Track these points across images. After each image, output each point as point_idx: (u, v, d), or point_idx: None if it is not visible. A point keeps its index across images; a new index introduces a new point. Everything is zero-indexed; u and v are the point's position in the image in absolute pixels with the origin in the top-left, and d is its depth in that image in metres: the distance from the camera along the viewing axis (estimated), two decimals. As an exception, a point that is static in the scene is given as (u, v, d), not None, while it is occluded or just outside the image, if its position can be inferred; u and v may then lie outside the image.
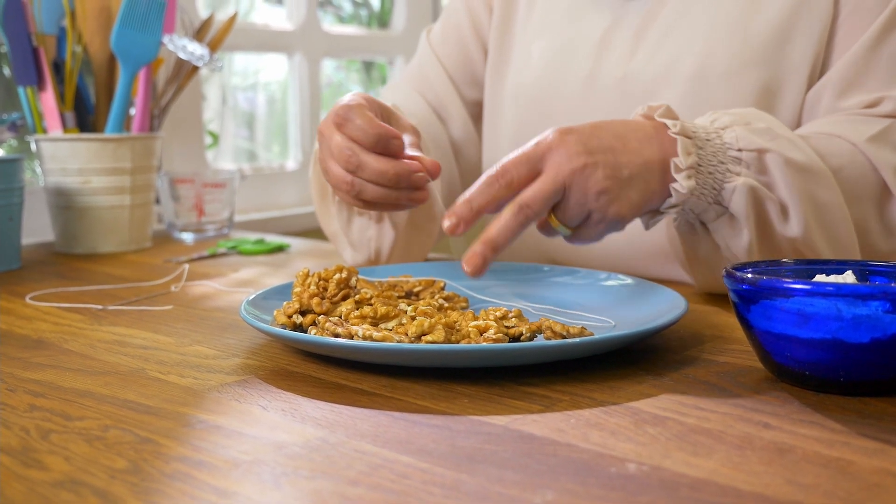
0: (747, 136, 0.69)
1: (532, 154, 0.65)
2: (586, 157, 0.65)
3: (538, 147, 0.66)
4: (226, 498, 0.40)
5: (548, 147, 0.65)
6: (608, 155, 0.66)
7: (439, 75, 1.04)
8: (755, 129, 0.70)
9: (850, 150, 0.75)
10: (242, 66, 1.96)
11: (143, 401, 0.54)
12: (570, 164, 0.64)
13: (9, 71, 1.41)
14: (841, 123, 0.77)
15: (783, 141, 0.70)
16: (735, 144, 0.69)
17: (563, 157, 0.65)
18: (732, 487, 0.40)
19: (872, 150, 0.74)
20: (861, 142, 0.75)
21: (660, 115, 0.69)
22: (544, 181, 0.65)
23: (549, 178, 0.65)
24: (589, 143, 0.66)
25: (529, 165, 0.65)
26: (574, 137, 0.66)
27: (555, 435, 0.47)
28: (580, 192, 0.65)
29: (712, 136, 0.70)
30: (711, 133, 0.70)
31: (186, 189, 1.25)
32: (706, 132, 0.70)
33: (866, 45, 0.79)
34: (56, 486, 0.42)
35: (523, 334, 0.61)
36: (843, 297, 0.50)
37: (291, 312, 0.66)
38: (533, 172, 0.65)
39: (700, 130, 0.70)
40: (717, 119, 0.72)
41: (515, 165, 0.65)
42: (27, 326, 0.74)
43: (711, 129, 0.70)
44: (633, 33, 0.90)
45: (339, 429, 0.48)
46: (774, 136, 0.70)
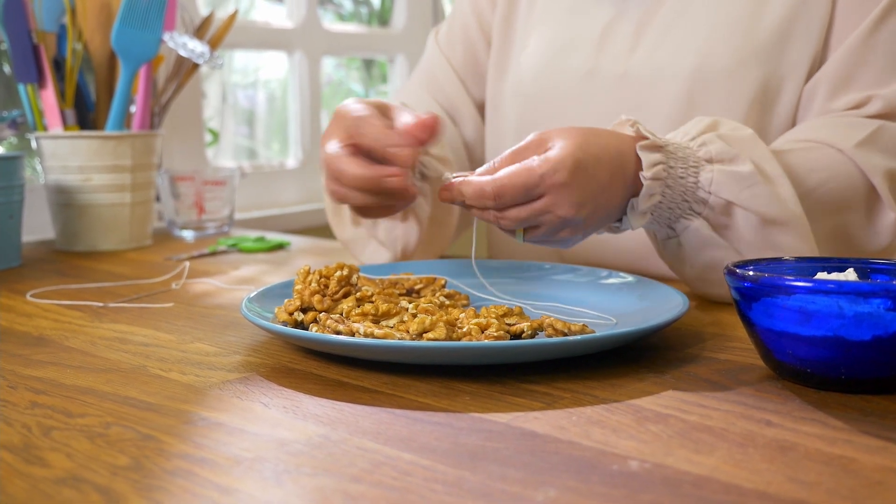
0: (723, 181, 0.69)
1: (532, 186, 0.65)
2: (577, 209, 0.66)
3: (542, 181, 0.65)
4: (228, 495, 0.40)
5: (550, 186, 0.65)
6: (593, 206, 0.67)
7: (449, 77, 1.04)
8: (735, 174, 0.69)
9: (837, 159, 0.75)
10: (242, 63, 1.96)
11: (145, 398, 0.54)
12: (559, 212, 0.66)
13: (9, 68, 1.41)
14: (830, 128, 0.77)
15: (760, 190, 0.69)
16: (707, 186, 0.69)
17: (556, 204, 0.65)
18: (735, 485, 0.40)
19: (861, 156, 0.75)
20: (849, 148, 0.75)
21: (642, 146, 0.68)
22: (528, 214, 0.66)
23: (533, 213, 0.66)
24: (585, 192, 0.66)
25: (525, 196, 0.65)
26: (577, 185, 0.65)
27: (557, 432, 0.47)
28: (552, 232, 0.68)
29: (689, 171, 0.69)
30: (690, 167, 0.69)
31: (187, 187, 1.25)
32: (685, 165, 0.69)
33: (857, 41, 0.79)
34: (58, 482, 0.42)
35: (525, 332, 0.61)
36: (845, 294, 0.50)
37: (293, 310, 0.66)
38: (526, 199, 0.66)
39: (678, 165, 0.69)
40: (705, 144, 0.70)
41: (512, 193, 0.65)
42: (28, 324, 0.74)
43: (692, 159, 0.70)
44: (633, 29, 0.90)
45: (340, 426, 0.48)
46: (753, 182, 0.69)
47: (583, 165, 0.65)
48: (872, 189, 0.75)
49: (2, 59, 1.42)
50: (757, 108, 0.82)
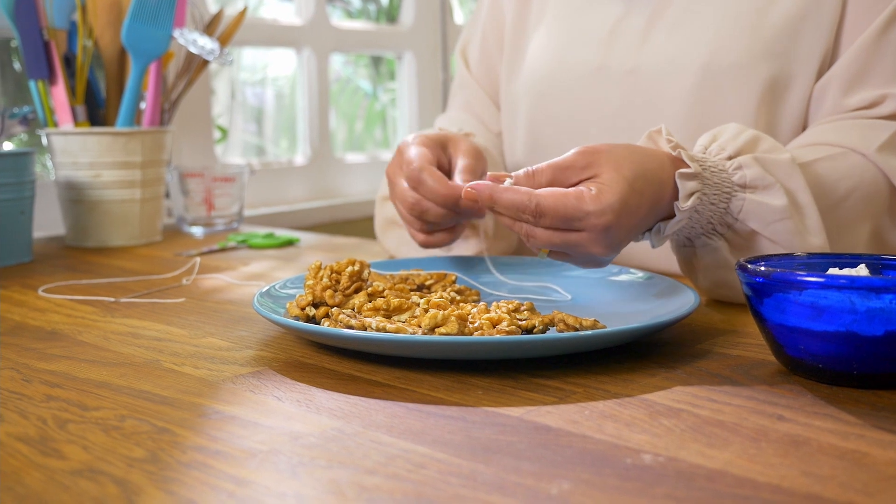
0: (753, 212, 0.69)
1: (577, 219, 0.62)
2: (606, 250, 0.64)
3: (587, 216, 0.62)
4: (243, 487, 0.40)
5: (593, 226, 0.62)
6: (626, 242, 0.66)
7: (485, 106, 1.05)
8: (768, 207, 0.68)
9: (862, 165, 0.75)
10: (251, 61, 1.96)
11: (159, 391, 0.54)
12: (590, 249, 0.64)
13: (20, 65, 1.42)
14: (849, 131, 0.77)
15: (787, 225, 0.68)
16: (735, 213, 0.69)
17: (592, 242, 0.63)
18: (748, 479, 0.40)
19: (884, 160, 0.75)
20: (871, 152, 0.75)
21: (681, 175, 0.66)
22: (560, 241, 0.64)
23: (566, 244, 0.64)
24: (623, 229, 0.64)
25: (566, 225, 0.63)
26: (617, 226, 0.63)
27: (569, 426, 0.47)
28: (578, 262, 0.68)
29: (722, 197, 0.69)
30: (723, 193, 0.69)
31: (196, 183, 1.26)
32: (718, 191, 0.68)
33: (871, 38, 0.79)
34: (75, 474, 0.42)
35: (536, 327, 0.61)
36: (857, 290, 0.50)
37: (304, 305, 0.66)
38: (566, 228, 0.63)
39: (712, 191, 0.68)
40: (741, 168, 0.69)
41: (555, 218, 0.62)
42: (41, 318, 0.75)
43: (726, 184, 0.69)
44: (643, 24, 0.90)
45: (354, 419, 0.49)
46: (783, 216, 0.68)
47: (629, 209, 0.63)
48: (895, 192, 0.76)
49: (13, 55, 1.42)
50: (767, 104, 0.82)
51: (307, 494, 0.39)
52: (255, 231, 1.27)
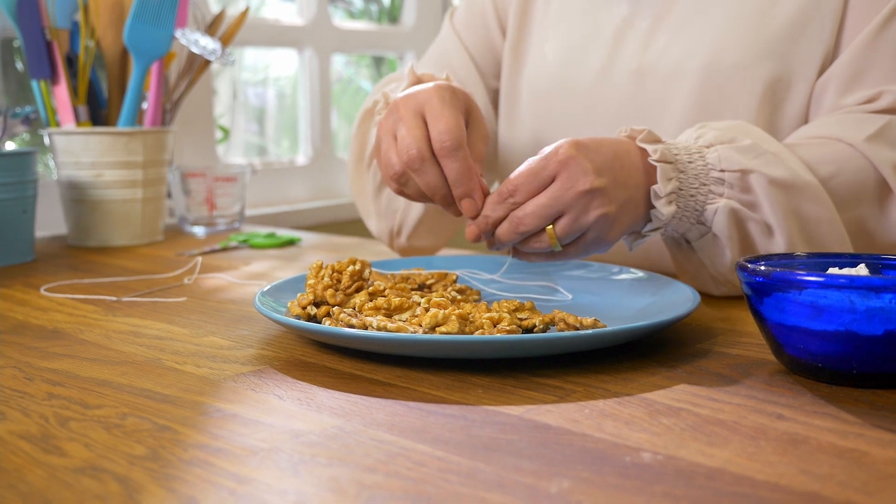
0: (730, 156, 0.71)
1: (540, 169, 0.66)
2: (593, 178, 0.66)
3: (547, 161, 0.67)
4: (244, 484, 0.40)
5: (558, 163, 0.66)
6: (611, 174, 0.67)
7: (463, 61, 1.02)
8: (739, 148, 0.71)
9: (848, 153, 0.75)
10: (253, 61, 1.97)
11: (160, 390, 0.54)
12: (575, 186, 0.66)
13: (22, 65, 1.42)
14: (840, 123, 0.77)
15: (767, 157, 0.71)
16: (717, 165, 0.71)
17: (570, 177, 0.66)
18: (747, 477, 0.40)
19: (871, 150, 0.75)
20: (859, 142, 0.75)
21: (641, 139, 0.70)
22: (547, 199, 0.66)
23: (553, 196, 0.66)
24: (595, 160, 0.67)
25: (538, 182, 0.66)
26: (583, 154, 0.67)
27: (569, 425, 0.47)
28: (580, 212, 0.67)
29: (695, 156, 0.71)
30: (694, 153, 0.71)
31: (198, 183, 1.26)
32: (688, 153, 0.71)
33: (868, 38, 0.79)
34: (77, 471, 0.42)
35: (536, 326, 0.62)
36: (857, 289, 0.50)
37: (306, 304, 0.66)
38: (541, 187, 0.66)
39: (682, 153, 0.71)
40: (701, 136, 0.73)
41: (524, 182, 0.66)
42: (42, 317, 0.75)
43: (694, 148, 0.72)
44: (648, 26, 0.90)
45: (354, 418, 0.49)
46: (759, 152, 0.71)
47: (582, 144, 0.67)
48: (883, 182, 0.75)
49: (15, 55, 1.43)
50: (768, 104, 0.83)
51: (308, 492, 0.39)
52: (256, 231, 1.27)
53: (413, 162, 0.70)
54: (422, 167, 0.70)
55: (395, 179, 0.72)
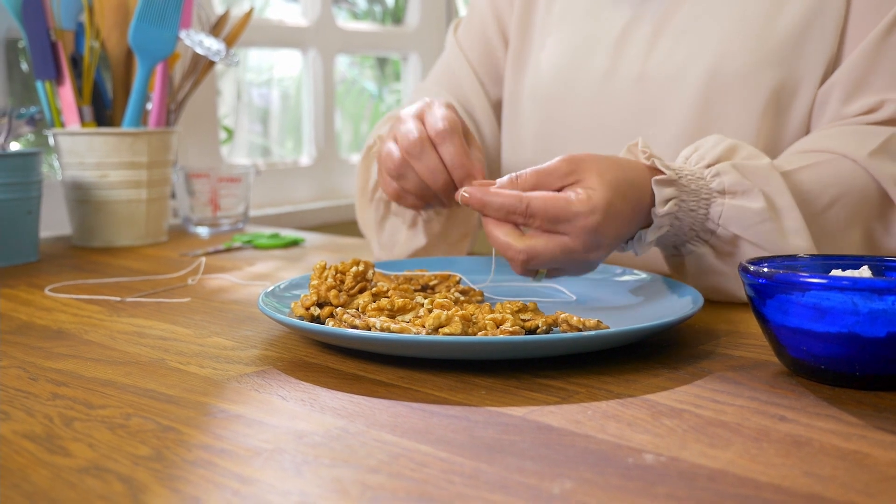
0: (733, 217, 0.70)
1: (565, 217, 0.64)
2: (598, 252, 0.67)
3: (574, 216, 0.64)
4: (248, 485, 0.40)
5: (582, 227, 0.65)
6: (612, 243, 0.68)
7: (467, 75, 1.03)
8: (746, 210, 0.70)
9: (851, 171, 0.75)
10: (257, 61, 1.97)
11: (164, 390, 0.55)
12: (584, 255, 0.66)
13: (27, 65, 1.42)
14: (843, 136, 0.77)
15: (768, 227, 0.70)
16: (716, 219, 0.71)
17: (584, 245, 0.65)
18: (750, 479, 0.40)
19: (874, 165, 0.75)
20: (862, 157, 0.75)
21: (657, 182, 0.69)
22: (560, 251, 0.65)
23: (564, 252, 0.65)
24: (609, 236, 0.66)
25: (556, 225, 0.65)
26: (605, 229, 0.65)
27: (572, 426, 0.47)
28: (574, 270, 0.69)
29: (701, 204, 0.71)
30: (702, 200, 0.71)
31: (202, 184, 1.26)
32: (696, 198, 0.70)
33: (871, 45, 0.79)
34: (81, 471, 0.42)
35: (539, 327, 0.62)
36: (860, 291, 0.50)
37: (309, 304, 0.66)
38: (554, 229, 0.65)
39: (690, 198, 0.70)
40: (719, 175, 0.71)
41: (544, 218, 0.65)
42: (47, 317, 0.75)
43: (704, 191, 0.71)
44: (650, 31, 0.90)
45: (358, 419, 0.49)
46: (763, 219, 0.70)
47: (614, 211, 0.65)
48: (887, 197, 0.75)
49: (20, 55, 1.43)
50: (772, 111, 0.83)
51: (311, 493, 0.40)
52: (260, 231, 1.27)
53: (412, 147, 0.71)
54: (421, 152, 0.71)
55: (395, 172, 0.73)
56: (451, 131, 0.71)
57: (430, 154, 0.71)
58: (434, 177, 0.71)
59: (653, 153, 0.71)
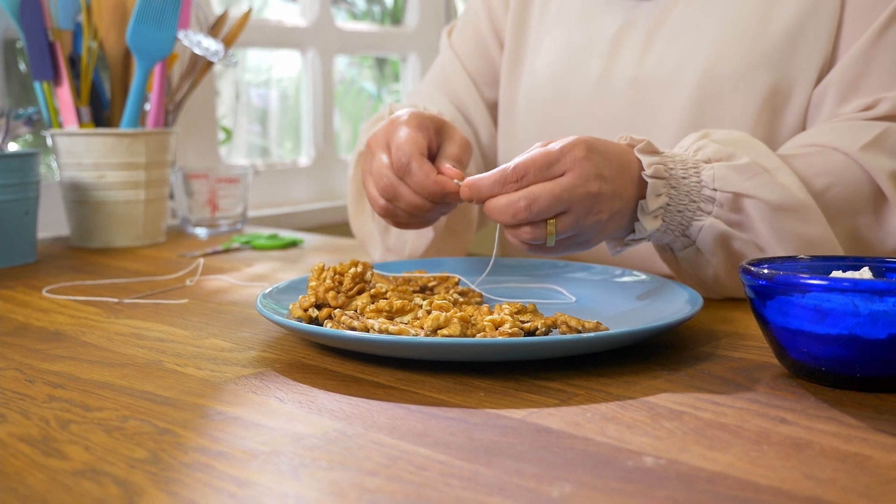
0: (726, 175, 0.70)
1: (554, 161, 0.65)
2: (601, 183, 0.66)
3: (562, 154, 0.65)
4: (245, 488, 0.40)
5: (573, 160, 0.65)
6: (613, 185, 0.67)
7: (461, 78, 1.03)
8: (736, 167, 0.70)
9: (843, 163, 0.75)
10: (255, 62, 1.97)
11: (161, 392, 0.54)
12: (586, 186, 0.65)
13: (25, 66, 1.42)
14: (836, 131, 0.77)
15: (763, 179, 0.70)
16: (710, 184, 0.71)
17: (582, 176, 0.65)
18: (750, 481, 0.40)
19: (867, 159, 0.75)
20: (855, 151, 0.75)
21: (639, 150, 0.70)
22: (561, 191, 0.65)
23: (565, 188, 0.65)
24: (604, 167, 0.67)
25: (549, 172, 0.65)
26: (596, 158, 0.66)
27: (571, 428, 0.47)
28: (583, 214, 0.66)
29: (690, 171, 0.71)
30: (690, 168, 0.71)
31: (200, 184, 1.26)
32: (684, 167, 0.71)
33: (866, 45, 0.79)
34: (77, 474, 0.42)
35: (538, 329, 0.61)
36: (860, 292, 0.50)
37: (307, 306, 0.66)
38: (548, 176, 0.65)
39: (678, 166, 0.71)
40: (701, 148, 0.72)
41: (535, 169, 0.65)
42: (44, 319, 0.75)
43: (691, 162, 0.71)
44: (644, 34, 0.90)
45: (356, 421, 0.49)
46: (755, 172, 0.70)
47: (595, 147, 0.67)
48: (879, 191, 0.75)
49: (18, 56, 1.43)
50: (767, 112, 0.82)
51: (308, 496, 0.39)
52: (258, 232, 1.27)
53: (387, 190, 0.73)
54: (395, 193, 0.72)
55: (384, 213, 0.75)
56: (407, 161, 0.71)
57: (405, 191, 0.72)
58: (419, 207, 0.72)
59: (632, 136, 0.72)
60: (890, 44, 0.78)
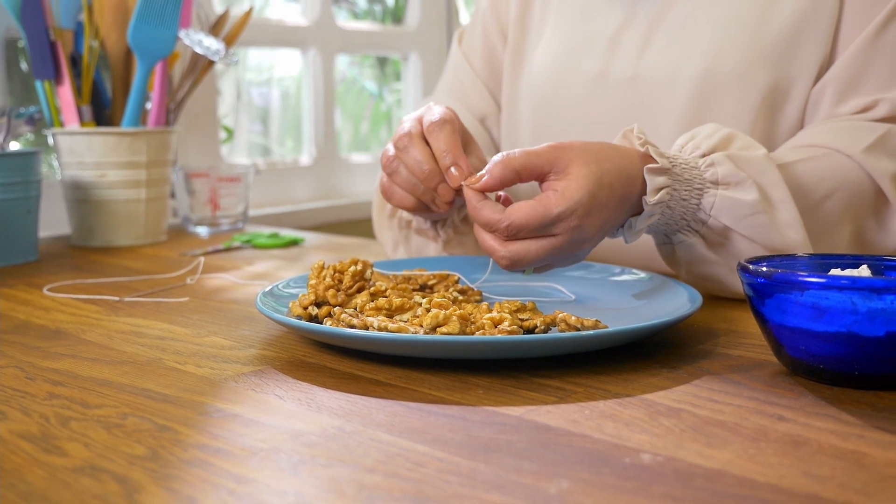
0: (725, 208, 0.70)
1: (549, 222, 0.64)
2: (588, 243, 0.67)
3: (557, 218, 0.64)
4: (244, 484, 0.40)
5: (567, 228, 0.65)
6: (602, 232, 0.68)
7: (474, 82, 1.04)
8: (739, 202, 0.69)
9: (846, 166, 0.75)
10: (257, 61, 1.97)
11: (161, 390, 0.54)
12: (572, 248, 0.66)
13: (26, 65, 1.42)
14: (838, 132, 0.77)
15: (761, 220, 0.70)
16: (708, 209, 0.71)
17: (571, 240, 0.65)
18: (748, 479, 0.40)
19: (869, 161, 0.75)
20: (857, 153, 0.75)
21: (649, 170, 0.68)
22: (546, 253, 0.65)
23: (550, 253, 0.65)
24: (595, 224, 0.66)
25: (542, 231, 0.65)
26: (590, 221, 0.65)
27: (569, 426, 0.47)
28: (562, 259, 0.68)
29: (693, 194, 0.70)
30: (694, 190, 0.70)
31: (201, 183, 1.26)
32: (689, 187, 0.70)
33: (864, 44, 0.79)
34: (77, 471, 0.42)
35: (538, 327, 0.62)
36: (858, 290, 0.50)
37: (307, 304, 0.66)
38: (540, 235, 0.65)
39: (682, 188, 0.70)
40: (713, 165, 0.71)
41: (527, 230, 0.65)
42: (45, 317, 0.75)
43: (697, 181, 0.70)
44: (644, 32, 0.90)
45: (354, 418, 0.49)
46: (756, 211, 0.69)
47: (598, 203, 0.65)
48: (881, 193, 0.75)
49: (19, 55, 1.43)
50: (766, 111, 0.82)
51: (307, 492, 0.39)
52: (259, 231, 1.27)
53: (401, 140, 0.72)
54: (408, 144, 0.72)
55: (388, 167, 0.74)
56: (442, 122, 0.72)
57: (416, 146, 0.72)
58: (419, 167, 0.72)
59: (648, 140, 0.71)
60: (888, 44, 0.78)
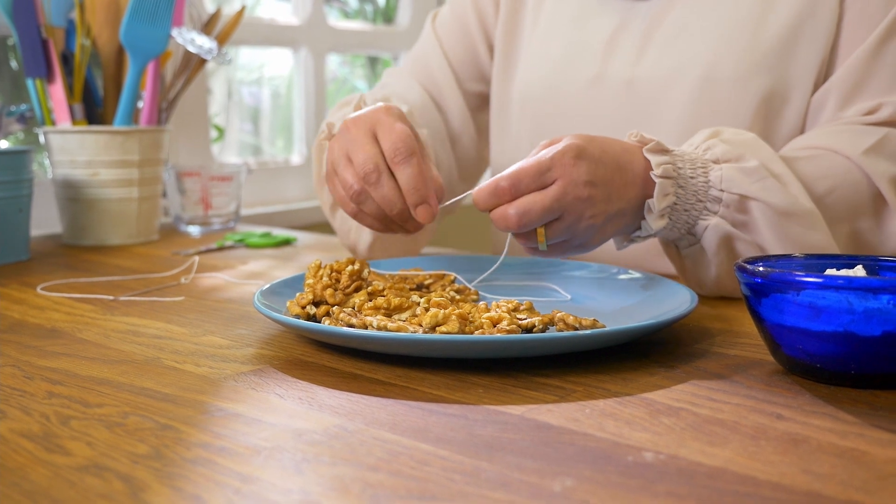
0: (733, 177, 0.70)
1: (545, 169, 0.66)
2: (591, 188, 0.66)
3: (552, 163, 0.66)
4: (249, 483, 0.40)
5: (561, 166, 0.66)
6: (607, 188, 0.68)
7: (441, 65, 1.03)
8: (744, 169, 0.70)
9: (845, 166, 0.76)
10: (248, 60, 1.96)
11: (161, 389, 0.54)
12: (575, 192, 0.66)
13: (18, 63, 1.41)
14: (839, 134, 0.78)
15: (770, 183, 0.70)
16: (718, 184, 0.71)
17: (572, 182, 0.66)
18: (749, 476, 0.41)
19: (868, 163, 0.75)
20: (857, 155, 0.75)
21: (648, 150, 0.70)
22: (550, 199, 0.65)
23: (555, 198, 0.65)
24: (596, 172, 0.67)
25: (540, 181, 0.66)
26: (586, 163, 0.66)
27: (571, 424, 0.47)
28: (574, 220, 0.67)
29: (698, 171, 0.71)
30: (698, 168, 0.71)
31: (193, 182, 1.26)
32: (692, 166, 0.71)
33: (868, 51, 0.79)
34: (80, 470, 0.42)
35: (536, 326, 0.62)
36: (855, 290, 0.50)
37: (305, 303, 0.66)
38: (540, 185, 0.66)
39: (686, 166, 0.71)
40: (710, 148, 0.72)
41: (526, 179, 0.65)
42: (40, 316, 0.75)
43: (699, 161, 0.71)
44: (640, 36, 0.90)
45: (356, 417, 0.49)
46: (762, 176, 0.70)
47: (589, 151, 0.67)
48: (880, 195, 0.76)
49: (10, 53, 1.42)
50: (763, 116, 0.83)
51: (313, 490, 0.40)
52: (251, 230, 1.27)
53: (370, 175, 0.69)
54: (378, 180, 0.69)
55: (354, 199, 0.71)
56: (408, 154, 0.69)
57: (387, 182, 0.69)
58: (391, 205, 0.70)
59: (643, 135, 0.72)
60: (891, 50, 0.79)
